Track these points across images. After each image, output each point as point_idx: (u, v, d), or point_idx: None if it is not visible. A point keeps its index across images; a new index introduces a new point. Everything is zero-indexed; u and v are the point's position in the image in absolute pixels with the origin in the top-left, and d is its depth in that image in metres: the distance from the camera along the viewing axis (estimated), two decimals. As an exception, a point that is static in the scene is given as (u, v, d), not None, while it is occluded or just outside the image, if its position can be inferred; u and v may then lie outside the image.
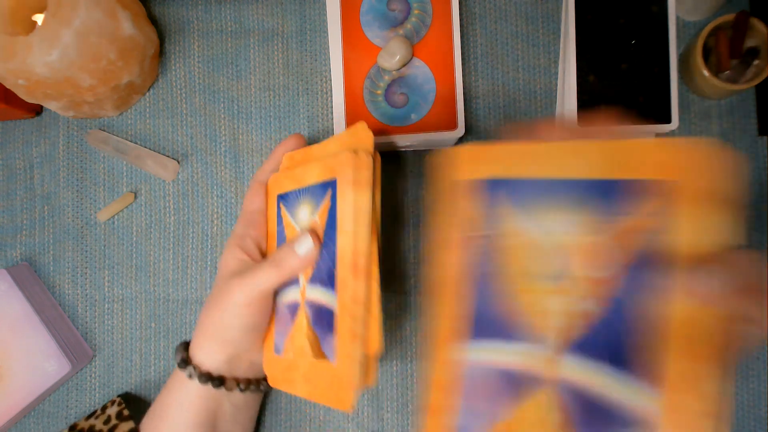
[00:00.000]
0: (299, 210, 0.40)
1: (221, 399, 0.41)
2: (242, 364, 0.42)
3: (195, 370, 0.40)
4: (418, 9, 0.47)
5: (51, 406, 0.51)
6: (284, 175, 0.43)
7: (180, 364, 0.41)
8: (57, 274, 0.52)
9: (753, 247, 0.48)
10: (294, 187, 0.41)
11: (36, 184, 0.53)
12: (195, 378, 0.40)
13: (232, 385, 0.41)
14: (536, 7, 0.50)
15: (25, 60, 0.42)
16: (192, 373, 0.40)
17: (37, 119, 0.53)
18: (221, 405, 0.41)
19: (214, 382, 0.40)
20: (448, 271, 0.25)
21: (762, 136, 0.48)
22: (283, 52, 0.52)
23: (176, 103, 0.52)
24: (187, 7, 0.52)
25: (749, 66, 0.46)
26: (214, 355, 0.40)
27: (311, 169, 0.39)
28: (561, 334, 0.23)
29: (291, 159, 0.44)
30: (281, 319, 0.41)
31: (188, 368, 0.40)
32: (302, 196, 0.40)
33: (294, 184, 0.41)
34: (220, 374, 0.41)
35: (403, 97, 0.47)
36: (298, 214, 0.40)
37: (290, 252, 0.38)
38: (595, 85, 0.45)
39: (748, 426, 0.47)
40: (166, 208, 0.52)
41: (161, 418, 0.42)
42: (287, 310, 0.40)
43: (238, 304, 0.39)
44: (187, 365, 0.41)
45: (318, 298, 0.37)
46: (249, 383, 0.42)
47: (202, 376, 0.40)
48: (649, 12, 0.45)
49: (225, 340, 0.40)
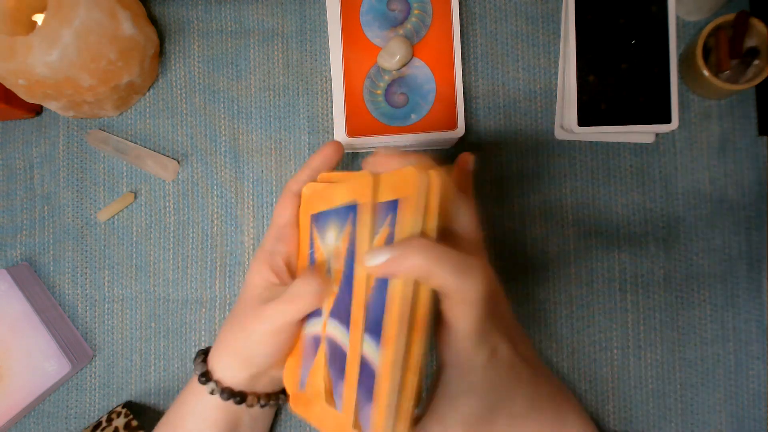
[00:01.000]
0: (327, 233, 0.37)
1: (240, 412, 0.41)
2: (263, 380, 0.41)
3: (217, 385, 0.39)
4: (418, 9, 0.47)
5: (51, 406, 0.51)
6: (317, 194, 0.39)
7: (200, 378, 0.40)
8: (57, 274, 0.52)
9: (753, 246, 0.48)
10: (325, 208, 0.38)
11: (36, 184, 0.53)
12: (216, 394, 0.39)
13: (253, 402, 0.40)
14: (536, 7, 0.50)
15: (25, 60, 0.42)
16: (214, 389, 0.39)
17: (37, 119, 0.53)
18: (240, 417, 0.41)
19: (236, 399, 0.39)
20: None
21: (762, 136, 0.48)
22: (283, 52, 0.52)
23: (176, 103, 0.52)
24: (187, 7, 0.52)
25: (749, 66, 0.46)
26: (236, 372, 0.39)
27: (339, 189, 0.36)
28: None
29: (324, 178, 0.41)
30: (307, 350, 0.38)
31: (210, 384, 0.39)
32: (330, 218, 0.37)
33: (325, 203, 0.38)
34: (240, 390, 0.40)
35: (403, 97, 0.47)
36: (326, 237, 0.37)
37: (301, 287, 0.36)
38: (595, 85, 0.45)
39: (748, 426, 0.47)
40: (166, 208, 0.52)
41: (177, 430, 0.41)
42: (312, 341, 0.37)
43: (263, 333, 0.37)
44: (209, 380, 0.39)
45: (335, 335, 0.34)
46: (269, 398, 0.41)
47: (224, 392, 0.39)
48: (649, 12, 0.45)
49: (249, 362, 0.39)
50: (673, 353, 0.48)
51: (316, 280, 0.35)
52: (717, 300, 0.48)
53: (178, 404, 0.42)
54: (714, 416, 0.48)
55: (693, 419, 0.48)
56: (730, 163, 0.48)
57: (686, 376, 0.48)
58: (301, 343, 0.39)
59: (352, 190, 0.33)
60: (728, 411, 0.47)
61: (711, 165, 0.49)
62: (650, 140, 0.49)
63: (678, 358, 0.48)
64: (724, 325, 0.48)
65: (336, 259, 0.35)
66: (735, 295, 0.48)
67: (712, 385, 0.48)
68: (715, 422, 0.47)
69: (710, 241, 0.48)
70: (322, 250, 0.37)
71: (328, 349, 0.35)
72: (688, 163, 0.49)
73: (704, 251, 0.48)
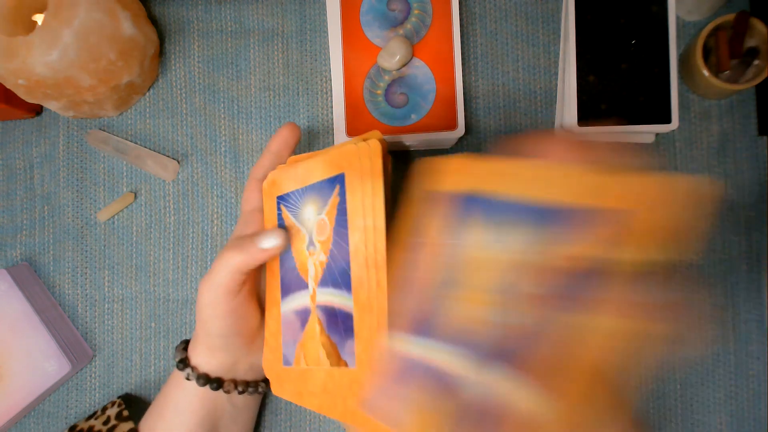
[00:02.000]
0: (303, 210, 0.38)
1: (221, 400, 0.41)
2: (241, 367, 0.42)
3: (193, 371, 0.40)
4: (418, 9, 0.47)
5: (51, 406, 0.51)
6: (284, 175, 0.40)
7: (178, 365, 0.41)
8: (57, 274, 0.52)
9: (753, 246, 0.48)
10: (296, 187, 0.39)
11: (36, 184, 0.53)
12: (193, 379, 0.40)
13: (230, 388, 0.41)
14: (536, 7, 0.50)
15: (25, 60, 0.42)
16: (190, 374, 0.40)
17: (37, 119, 0.53)
18: (221, 405, 0.41)
19: (212, 384, 0.40)
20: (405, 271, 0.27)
21: (762, 136, 0.48)
22: (283, 52, 0.52)
23: (176, 103, 0.52)
24: (187, 7, 0.52)
25: (749, 66, 0.46)
26: (210, 358, 0.40)
27: (315, 165, 0.37)
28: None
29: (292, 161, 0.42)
30: (289, 327, 0.39)
31: (186, 370, 0.40)
32: (306, 195, 0.38)
33: (296, 183, 0.39)
34: (218, 376, 0.41)
35: (403, 97, 0.47)
36: (302, 214, 0.38)
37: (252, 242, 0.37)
38: (595, 85, 0.45)
39: (748, 426, 0.47)
40: (166, 208, 0.52)
41: (160, 418, 0.42)
42: (296, 317, 0.38)
43: (206, 306, 0.38)
44: (186, 366, 0.40)
45: (331, 301, 0.35)
46: (248, 385, 0.42)
47: (200, 377, 0.40)
48: (649, 12, 0.45)
49: (213, 347, 0.40)
50: (673, 353, 0.48)
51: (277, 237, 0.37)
52: (717, 300, 0.48)
53: (161, 394, 0.43)
54: (714, 416, 0.48)
55: (693, 419, 0.48)
56: (730, 163, 0.48)
57: (686, 376, 0.48)
58: (279, 322, 0.40)
59: (335, 164, 0.35)
60: (728, 411, 0.47)
61: (711, 165, 0.49)
62: (650, 140, 0.49)
63: (678, 358, 0.48)
64: (724, 325, 0.48)
65: (320, 232, 0.36)
66: (735, 295, 0.48)
67: (712, 385, 0.48)
68: (715, 422, 0.47)
69: (710, 241, 0.48)
70: (298, 227, 0.38)
71: (324, 316, 0.36)
72: (688, 163, 0.49)
73: (704, 251, 0.48)
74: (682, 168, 0.49)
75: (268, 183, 0.42)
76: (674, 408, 0.48)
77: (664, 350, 0.24)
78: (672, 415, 0.48)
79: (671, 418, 0.48)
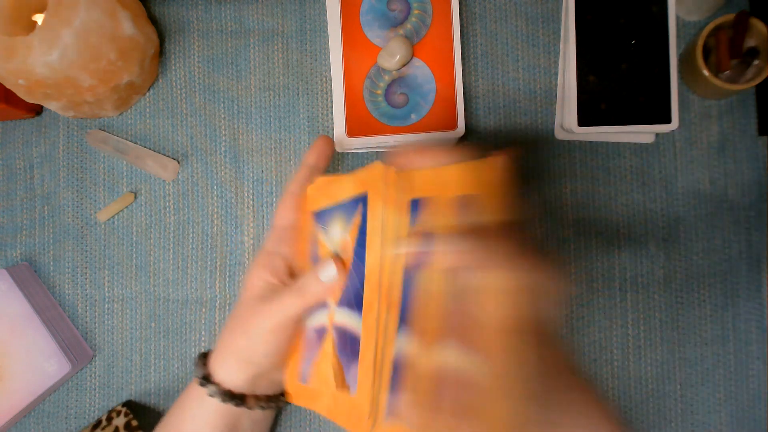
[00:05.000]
0: (332, 228, 0.37)
1: (240, 415, 0.40)
2: (263, 382, 0.41)
3: (217, 388, 0.39)
4: (418, 9, 0.47)
5: (51, 406, 0.51)
6: (320, 191, 0.40)
7: (201, 382, 0.40)
8: (57, 274, 0.52)
9: (753, 246, 0.48)
10: (328, 204, 0.38)
11: (36, 184, 0.53)
12: (216, 397, 0.39)
13: (252, 404, 0.40)
14: (536, 7, 0.50)
15: (25, 60, 0.42)
16: (214, 392, 0.39)
17: (37, 119, 0.53)
18: (240, 421, 0.41)
19: (235, 401, 0.39)
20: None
21: (762, 136, 0.48)
22: (283, 52, 0.52)
23: (176, 103, 0.52)
24: (187, 7, 0.52)
25: (749, 66, 0.46)
26: (237, 374, 0.39)
27: (345, 183, 0.36)
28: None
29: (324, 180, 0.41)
30: (309, 344, 0.38)
31: (210, 386, 0.39)
32: (335, 213, 0.37)
33: (328, 200, 0.38)
34: (241, 392, 0.40)
35: (403, 97, 0.47)
36: (331, 232, 0.38)
37: (314, 279, 0.36)
38: (595, 85, 0.45)
39: (748, 426, 0.47)
40: (166, 208, 0.52)
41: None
42: (315, 334, 0.38)
43: (264, 330, 0.37)
44: (209, 383, 0.39)
45: (344, 322, 0.34)
46: (269, 400, 0.41)
47: (224, 394, 0.39)
48: (649, 12, 0.45)
49: (249, 362, 0.39)
50: (673, 353, 0.48)
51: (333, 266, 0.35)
52: (717, 300, 0.48)
53: (177, 407, 0.42)
54: (714, 416, 0.48)
55: (693, 419, 0.48)
56: (730, 163, 0.48)
57: (686, 376, 0.48)
58: (302, 338, 0.39)
59: (361, 183, 0.34)
60: (728, 411, 0.47)
61: (711, 165, 0.49)
62: (650, 140, 0.49)
63: (678, 358, 0.48)
64: (724, 325, 0.48)
65: (344, 252, 0.35)
66: (735, 295, 0.48)
67: (712, 385, 0.48)
68: (715, 422, 0.47)
69: (710, 241, 0.48)
70: (327, 246, 0.38)
71: (337, 337, 0.35)
72: (688, 163, 0.49)
73: (704, 251, 0.48)
74: (682, 168, 0.49)
75: (308, 196, 0.41)
76: (674, 408, 0.48)
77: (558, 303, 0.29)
78: (672, 415, 0.48)
79: (671, 418, 0.48)
